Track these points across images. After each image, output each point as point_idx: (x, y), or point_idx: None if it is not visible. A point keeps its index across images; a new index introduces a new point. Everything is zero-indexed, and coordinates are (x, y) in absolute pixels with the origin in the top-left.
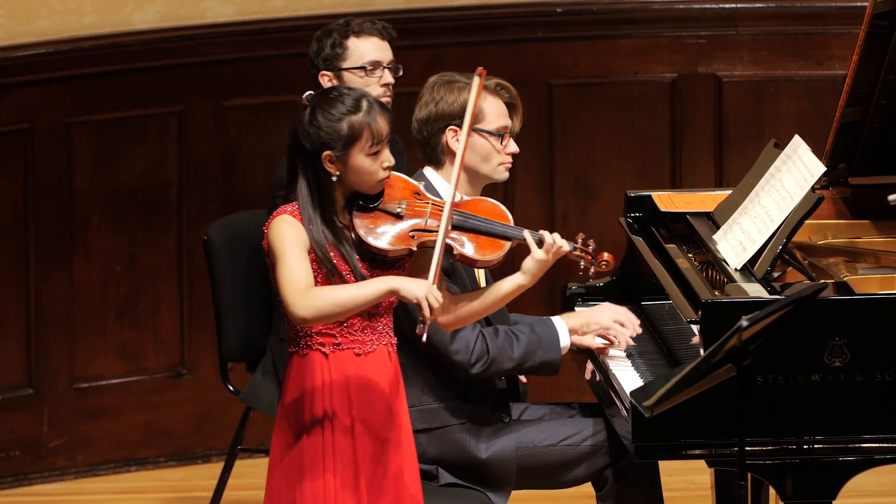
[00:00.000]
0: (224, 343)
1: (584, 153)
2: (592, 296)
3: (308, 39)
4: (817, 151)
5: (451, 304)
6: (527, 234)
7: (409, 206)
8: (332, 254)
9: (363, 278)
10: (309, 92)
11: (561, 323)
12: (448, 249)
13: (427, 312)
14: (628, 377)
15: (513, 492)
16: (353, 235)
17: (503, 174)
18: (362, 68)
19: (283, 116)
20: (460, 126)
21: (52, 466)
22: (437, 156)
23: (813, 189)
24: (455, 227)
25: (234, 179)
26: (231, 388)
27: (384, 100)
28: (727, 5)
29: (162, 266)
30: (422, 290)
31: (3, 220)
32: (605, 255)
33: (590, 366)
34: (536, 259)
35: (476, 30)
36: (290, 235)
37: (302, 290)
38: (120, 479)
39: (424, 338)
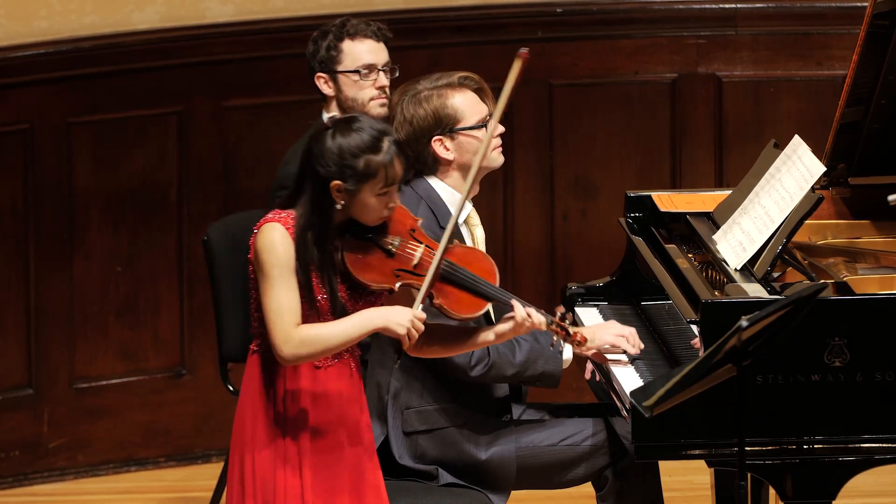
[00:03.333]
0: (224, 343)
1: (584, 153)
2: (592, 296)
3: (308, 39)
4: (817, 151)
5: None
6: (509, 297)
7: (402, 246)
8: (313, 276)
9: (339, 303)
10: (333, 113)
11: None
12: (429, 297)
13: (407, 344)
14: (628, 377)
15: (513, 492)
16: (339, 257)
17: (499, 159)
18: (356, 72)
19: (283, 116)
20: (443, 133)
21: (52, 466)
22: (430, 166)
23: (813, 189)
24: (441, 278)
25: (234, 179)
26: (231, 388)
27: (380, 101)
28: (727, 5)
29: (162, 266)
30: (404, 325)
31: (3, 220)
32: (579, 336)
33: (590, 366)
34: (509, 326)
35: (476, 30)
36: (281, 256)
37: (291, 329)
38: (120, 479)
39: (397, 365)
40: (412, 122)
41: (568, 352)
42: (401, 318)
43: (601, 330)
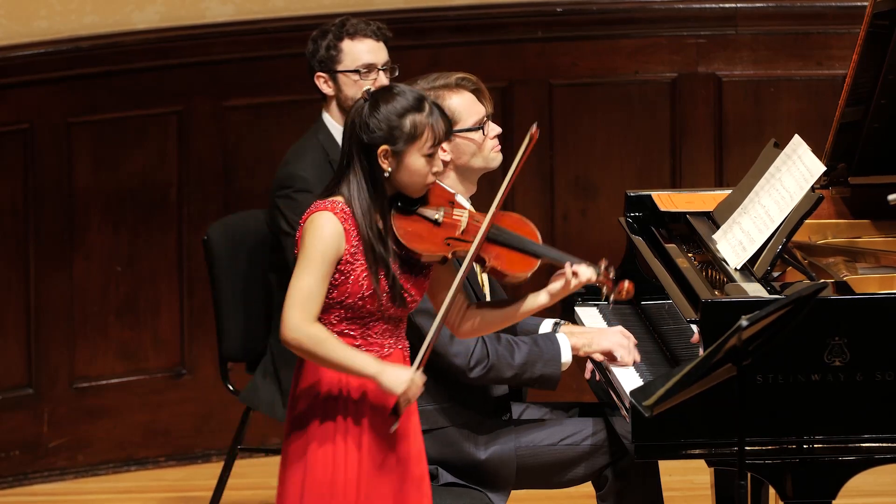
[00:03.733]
0: (224, 343)
1: (584, 153)
2: (592, 295)
3: (308, 39)
4: (817, 151)
5: (469, 317)
6: (554, 253)
7: (447, 214)
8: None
9: (398, 283)
10: (367, 87)
11: (564, 339)
12: (480, 261)
13: (403, 408)
14: (628, 377)
15: (513, 492)
16: (391, 235)
17: (497, 159)
18: (356, 71)
19: (283, 117)
20: None
21: (52, 466)
22: None
23: (813, 189)
24: (489, 241)
25: (234, 179)
26: (231, 388)
27: None
28: (727, 5)
29: (162, 266)
30: (401, 385)
31: (3, 220)
32: (626, 284)
33: (590, 365)
34: (562, 282)
35: (476, 30)
36: (328, 243)
37: (307, 318)
38: (120, 479)
39: (393, 429)
40: None
41: (567, 355)
42: (400, 377)
43: (599, 336)
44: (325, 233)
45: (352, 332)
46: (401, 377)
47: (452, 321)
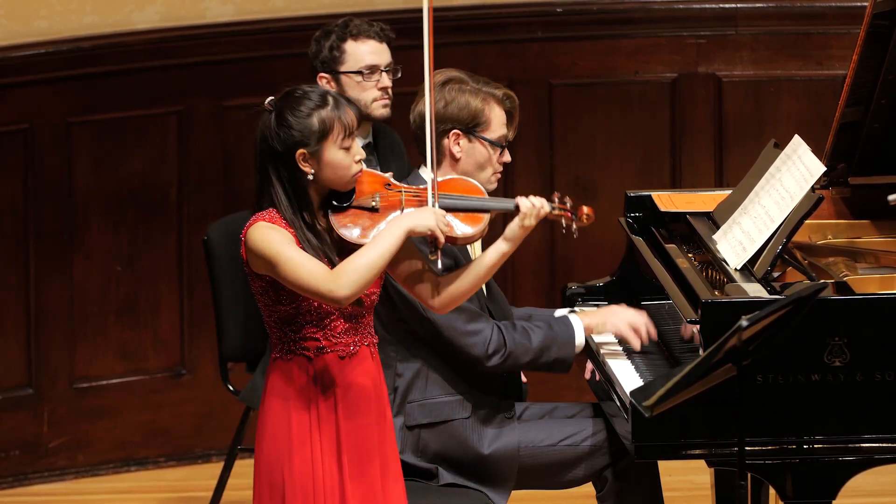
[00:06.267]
0: (224, 343)
1: (584, 153)
2: (592, 295)
3: (308, 39)
4: (817, 151)
5: (440, 286)
6: (502, 202)
7: (384, 198)
8: (322, 260)
9: None
10: (270, 98)
11: (577, 321)
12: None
13: (441, 239)
14: (628, 377)
15: (513, 492)
16: (333, 236)
17: (492, 185)
18: (359, 73)
19: None
20: (463, 131)
21: (52, 466)
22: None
23: (813, 189)
24: None
25: (234, 179)
26: (231, 388)
27: (382, 102)
28: (727, 5)
29: (162, 266)
30: (431, 219)
31: (3, 220)
32: (586, 209)
33: (590, 365)
34: (517, 225)
35: (476, 30)
36: (278, 236)
37: (329, 274)
38: (120, 479)
39: (440, 264)
40: (447, 105)
41: (581, 337)
42: (425, 215)
43: (612, 315)
44: (268, 233)
45: (315, 336)
46: (425, 212)
47: (426, 296)
